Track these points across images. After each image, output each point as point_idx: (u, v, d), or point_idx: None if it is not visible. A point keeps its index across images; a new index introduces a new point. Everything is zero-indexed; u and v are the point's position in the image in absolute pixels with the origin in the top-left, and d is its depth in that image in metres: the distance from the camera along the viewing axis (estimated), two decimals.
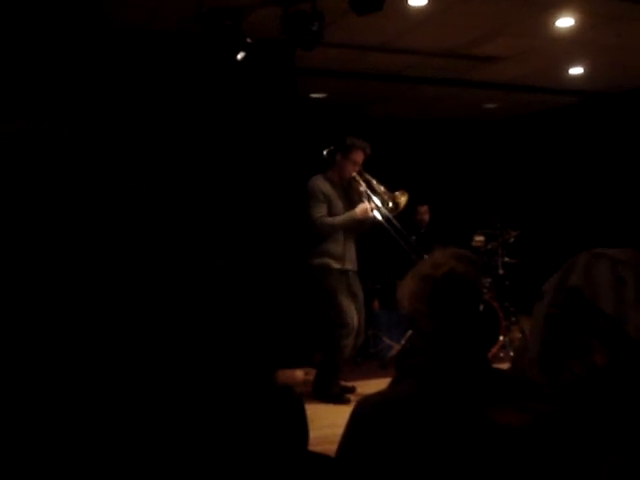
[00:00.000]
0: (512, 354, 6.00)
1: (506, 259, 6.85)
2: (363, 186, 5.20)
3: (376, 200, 5.16)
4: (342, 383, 5.25)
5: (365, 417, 1.51)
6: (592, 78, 7.61)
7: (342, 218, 5.08)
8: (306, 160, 5.81)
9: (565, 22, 5.74)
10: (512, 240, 6.82)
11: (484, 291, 6.13)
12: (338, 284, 5.07)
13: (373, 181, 5.24)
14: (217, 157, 5.87)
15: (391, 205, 5.16)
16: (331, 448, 1.50)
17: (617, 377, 1.04)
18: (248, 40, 5.36)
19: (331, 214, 5.08)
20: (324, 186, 5.11)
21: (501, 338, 6.29)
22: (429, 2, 5.24)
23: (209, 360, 0.64)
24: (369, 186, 5.22)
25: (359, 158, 5.15)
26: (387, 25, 5.66)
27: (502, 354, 6.22)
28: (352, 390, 5.26)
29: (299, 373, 5.69)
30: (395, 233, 5.26)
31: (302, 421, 0.77)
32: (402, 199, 5.17)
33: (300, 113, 6.47)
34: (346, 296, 5.09)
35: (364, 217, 5.07)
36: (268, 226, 6.00)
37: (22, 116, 0.59)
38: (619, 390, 1.05)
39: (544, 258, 7.92)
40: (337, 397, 5.04)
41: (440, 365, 1.53)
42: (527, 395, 1.35)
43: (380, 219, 5.17)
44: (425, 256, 4.79)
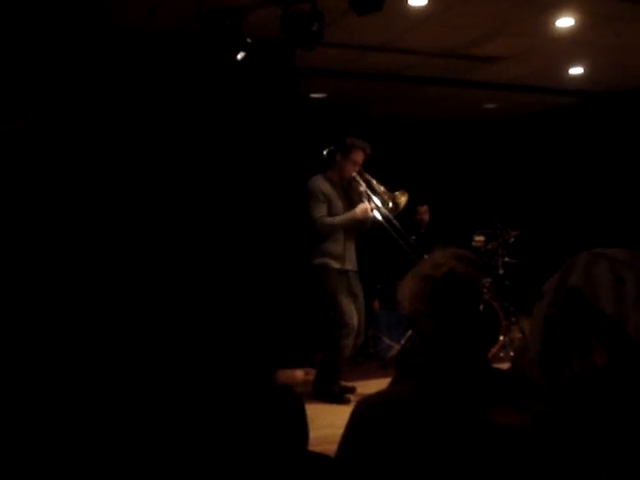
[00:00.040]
0: (512, 354, 6.00)
1: (506, 259, 6.85)
2: (363, 186, 5.19)
3: (376, 200, 5.15)
4: (342, 383, 5.25)
5: (365, 417, 1.51)
6: (592, 78, 7.61)
7: (342, 218, 5.07)
8: (306, 160, 5.81)
9: (565, 22, 5.74)
10: (512, 240, 6.82)
11: (484, 291, 6.13)
12: (338, 284, 5.07)
13: (373, 181, 5.23)
14: (217, 157, 5.87)
15: (391, 205, 5.15)
16: (331, 448, 1.50)
17: (617, 377, 1.04)
18: (248, 40, 5.36)
19: (331, 214, 5.07)
20: (324, 186, 5.10)
21: (501, 338, 6.29)
22: (429, 2, 5.24)
23: (209, 360, 0.64)
24: (369, 186, 5.21)
25: (359, 158, 5.14)
26: (387, 25, 5.66)
27: (502, 354, 6.22)
28: (352, 390, 5.26)
29: (299, 373, 5.69)
30: (395, 233, 5.26)
31: (302, 421, 0.77)
32: (402, 199, 5.16)
33: (300, 113, 6.47)
34: (346, 296, 5.09)
35: (364, 217, 5.07)
36: (268, 226, 6.00)
37: (22, 116, 0.59)
38: (619, 390, 1.05)
39: (544, 258, 7.91)
40: (337, 397, 5.03)
41: (440, 365, 1.53)
42: (527, 395, 1.35)
43: (380, 219, 5.16)
44: (425, 256, 4.79)
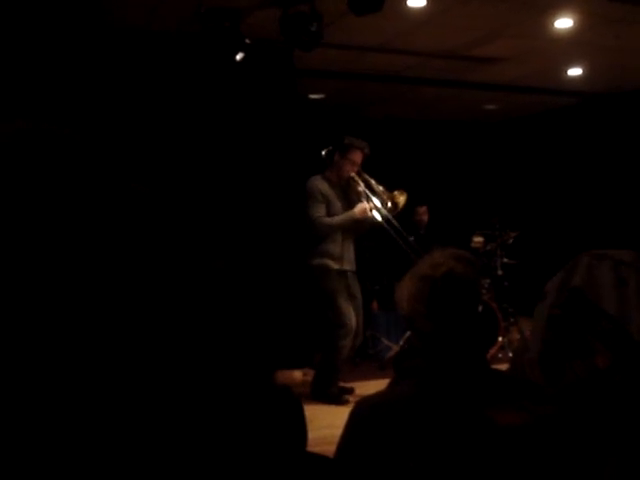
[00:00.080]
0: (511, 355, 6.00)
1: (505, 260, 6.85)
2: (362, 186, 5.19)
3: (375, 200, 5.15)
4: (341, 384, 5.25)
5: (364, 418, 1.51)
6: (591, 79, 7.61)
7: (341, 218, 5.07)
8: (305, 161, 5.81)
9: (564, 23, 5.74)
10: (511, 241, 6.82)
11: (483, 292, 6.13)
12: (337, 285, 5.07)
13: (372, 181, 5.23)
14: (216, 157, 5.87)
15: (390, 205, 5.15)
16: (330, 449, 1.50)
17: (619, 378, 1.04)
18: (247, 41, 5.36)
19: (330, 214, 5.07)
20: (322, 186, 5.10)
21: (500, 339, 6.29)
22: (428, 3, 5.24)
23: (208, 360, 0.64)
24: (368, 186, 5.21)
25: (357, 158, 5.14)
26: (386, 26, 5.66)
27: (501, 355, 6.22)
28: (351, 391, 5.25)
29: (298, 374, 5.69)
30: (394, 233, 5.26)
31: (301, 422, 0.77)
32: (401, 199, 5.16)
33: (299, 114, 6.47)
34: (345, 297, 5.08)
35: (363, 217, 5.06)
36: (267, 226, 6.00)
37: (22, 116, 0.59)
38: (621, 391, 1.05)
39: (543, 259, 7.92)
40: (336, 398, 5.03)
41: (439, 366, 1.53)
42: (526, 395, 1.35)
43: (379, 219, 5.16)
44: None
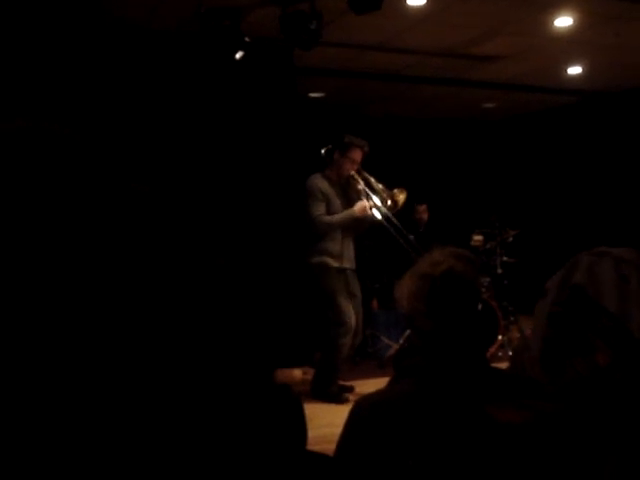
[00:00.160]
0: (511, 353, 6.01)
1: (505, 258, 6.84)
2: (361, 184, 5.19)
3: (375, 198, 5.15)
4: (340, 382, 5.24)
5: (363, 416, 1.51)
6: (590, 77, 7.61)
7: (340, 216, 5.06)
8: (305, 159, 5.81)
9: (564, 21, 5.74)
10: (511, 239, 6.82)
11: (482, 290, 6.13)
12: (336, 283, 5.06)
13: (371, 179, 5.23)
14: (216, 156, 5.86)
15: (390, 203, 5.14)
16: (329, 447, 1.50)
17: (620, 376, 1.04)
18: (247, 39, 5.36)
19: (329, 212, 5.07)
20: (322, 184, 5.10)
21: (500, 337, 6.29)
22: (428, 1, 5.23)
23: (208, 359, 0.64)
24: (367, 184, 5.21)
25: (357, 156, 5.14)
26: (386, 24, 5.65)
27: (500, 353, 6.22)
28: (350, 389, 5.25)
29: (297, 372, 5.69)
30: (394, 231, 5.26)
31: (301, 420, 0.77)
32: (401, 197, 5.16)
33: (299, 112, 6.47)
34: (344, 295, 5.08)
35: (362, 215, 5.06)
36: (267, 225, 6.00)
37: (22, 115, 0.59)
38: (622, 389, 1.05)
39: (543, 257, 7.93)
40: (335, 396, 5.03)
41: (438, 364, 1.53)
42: (526, 394, 1.35)
43: (379, 217, 5.16)
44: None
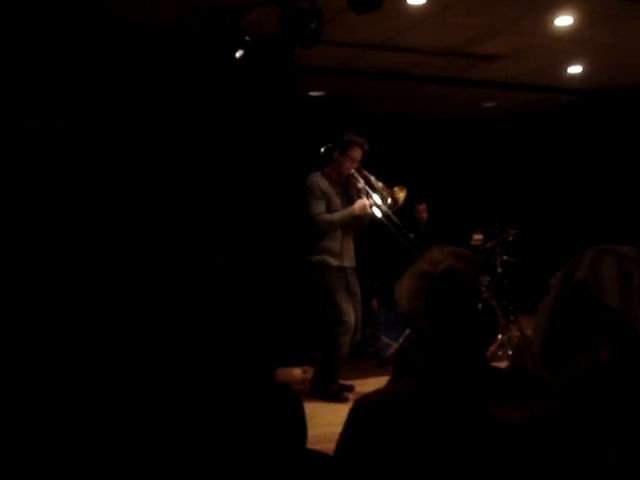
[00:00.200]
0: (510, 352, 6.01)
1: (505, 258, 6.85)
2: (361, 182, 5.19)
3: (375, 196, 5.15)
4: (340, 382, 5.24)
5: (363, 415, 1.51)
6: (591, 77, 7.61)
7: (340, 214, 5.07)
8: (305, 158, 5.81)
9: (564, 21, 5.74)
10: (511, 239, 6.83)
11: (482, 289, 6.12)
12: (336, 282, 5.06)
13: (371, 177, 5.23)
14: (216, 155, 5.86)
15: (390, 201, 5.15)
16: (329, 447, 1.50)
17: (622, 372, 1.04)
18: (247, 38, 5.36)
19: (330, 211, 5.07)
20: (322, 183, 5.10)
21: (499, 336, 6.29)
22: (428, 0, 5.23)
23: (208, 358, 0.64)
24: (367, 182, 5.21)
25: (357, 155, 5.14)
26: (386, 23, 5.65)
27: (500, 352, 6.23)
28: (350, 389, 5.26)
29: (297, 371, 5.69)
30: (394, 229, 5.26)
31: (301, 419, 0.77)
32: (401, 195, 5.16)
33: (299, 111, 6.47)
34: (344, 294, 5.08)
35: (363, 213, 5.06)
36: (267, 223, 6.00)
37: (22, 113, 0.59)
38: (624, 386, 1.05)
39: (543, 257, 7.93)
40: (335, 395, 5.03)
41: (438, 363, 1.52)
42: (526, 393, 1.35)
43: (379, 215, 5.16)
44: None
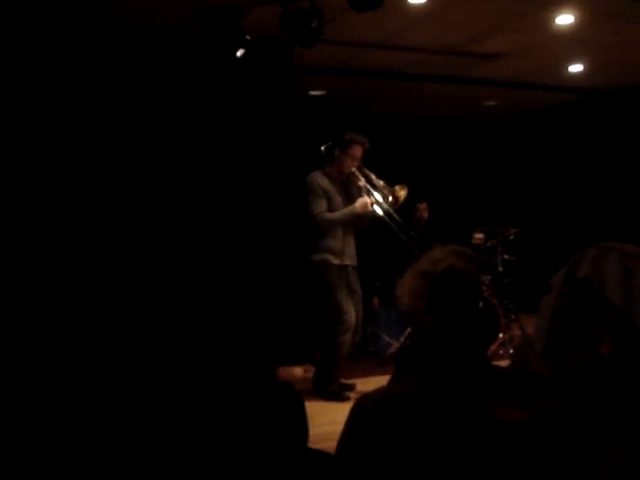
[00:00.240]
0: (512, 351, 6.00)
1: (506, 256, 6.84)
2: (362, 181, 5.19)
3: (376, 195, 5.15)
4: (342, 381, 5.25)
5: (364, 414, 1.51)
6: (592, 75, 7.60)
7: (342, 213, 5.07)
8: (305, 158, 5.81)
9: (565, 19, 5.74)
10: (512, 237, 6.82)
11: (484, 288, 6.13)
12: (337, 280, 5.06)
13: (372, 176, 5.23)
14: (217, 154, 5.86)
15: (391, 199, 5.15)
16: (331, 445, 1.50)
17: (623, 367, 1.04)
18: (248, 37, 5.36)
19: (330, 209, 5.07)
20: (322, 181, 5.10)
21: (500, 335, 6.29)
22: None
23: (209, 357, 0.64)
24: (368, 181, 5.21)
25: (358, 153, 5.14)
26: (387, 22, 5.65)
27: (502, 351, 6.22)
28: (352, 388, 5.26)
29: (298, 370, 5.69)
30: (396, 227, 5.26)
31: (302, 418, 0.77)
32: (402, 193, 5.16)
33: (300, 110, 6.46)
34: (344, 293, 5.08)
35: (364, 211, 5.06)
36: (267, 222, 6.00)
37: (22, 112, 0.59)
38: (625, 381, 1.05)
39: (544, 256, 7.92)
40: (336, 394, 5.03)
41: (440, 362, 1.52)
42: (528, 392, 1.35)
43: (380, 214, 5.17)
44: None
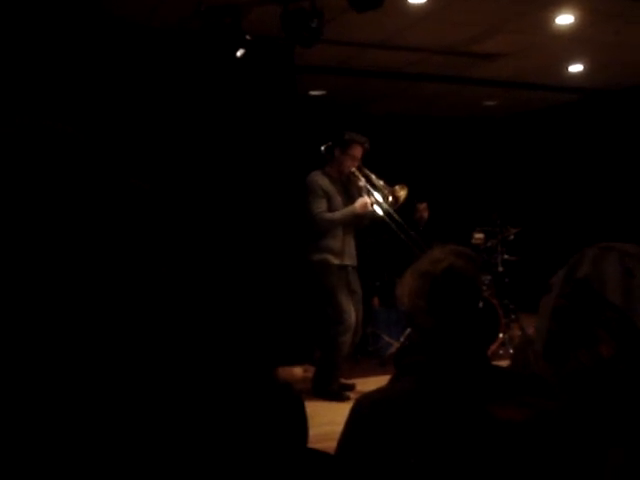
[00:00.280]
0: (512, 351, 6.00)
1: (506, 256, 6.84)
2: (362, 181, 5.19)
3: (376, 194, 5.16)
4: (341, 381, 5.25)
5: (364, 414, 1.51)
6: (592, 75, 7.60)
7: (342, 213, 5.07)
8: (306, 158, 5.81)
9: (565, 19, 5.73)
10: (512, 237, 6.82)
11: (483, 288, 6.13)
12: (337, 281, 5.06)
13: (372, 176, 5.23)
14: (216, 154, 5.86)
15: (391, 199, 5.15)
16: (331, 445, 1.50)
17: (623, 368, 1.04)
18: (248, 37, 5.36)
19: (330, 209, 5.07)
20: (322, 181, 5.10)
21: (500, 335, 6.29)
22: None
23: (209, 357, 0.64)
24: (368, 181, 5.21)
25: (358, 153, 5.14)
26: (387, 22, 5.65)
27: (501, 351, 6.22)
28: (351, 388, 5.26)
29: (298, 370, 5.69)
30: (396, 227, 5.27)
31: (302, 418, 0.77)
32: (401, 193, 5.16)
33: (299, 111, 6.46)
34: (345, 293, 5.08)
35: (364, 211, 5.06)
36: (267, 222, 6.00)
37: (22, 112, 0.59)
38: (625, 381, 1.05)
39: (544, 256, 7.92)
40: (336, 394, 5.03)
41: (439, 362, 1.52)
42: (528, 391, 1.35)
43: (380, 213, 5.17)
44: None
